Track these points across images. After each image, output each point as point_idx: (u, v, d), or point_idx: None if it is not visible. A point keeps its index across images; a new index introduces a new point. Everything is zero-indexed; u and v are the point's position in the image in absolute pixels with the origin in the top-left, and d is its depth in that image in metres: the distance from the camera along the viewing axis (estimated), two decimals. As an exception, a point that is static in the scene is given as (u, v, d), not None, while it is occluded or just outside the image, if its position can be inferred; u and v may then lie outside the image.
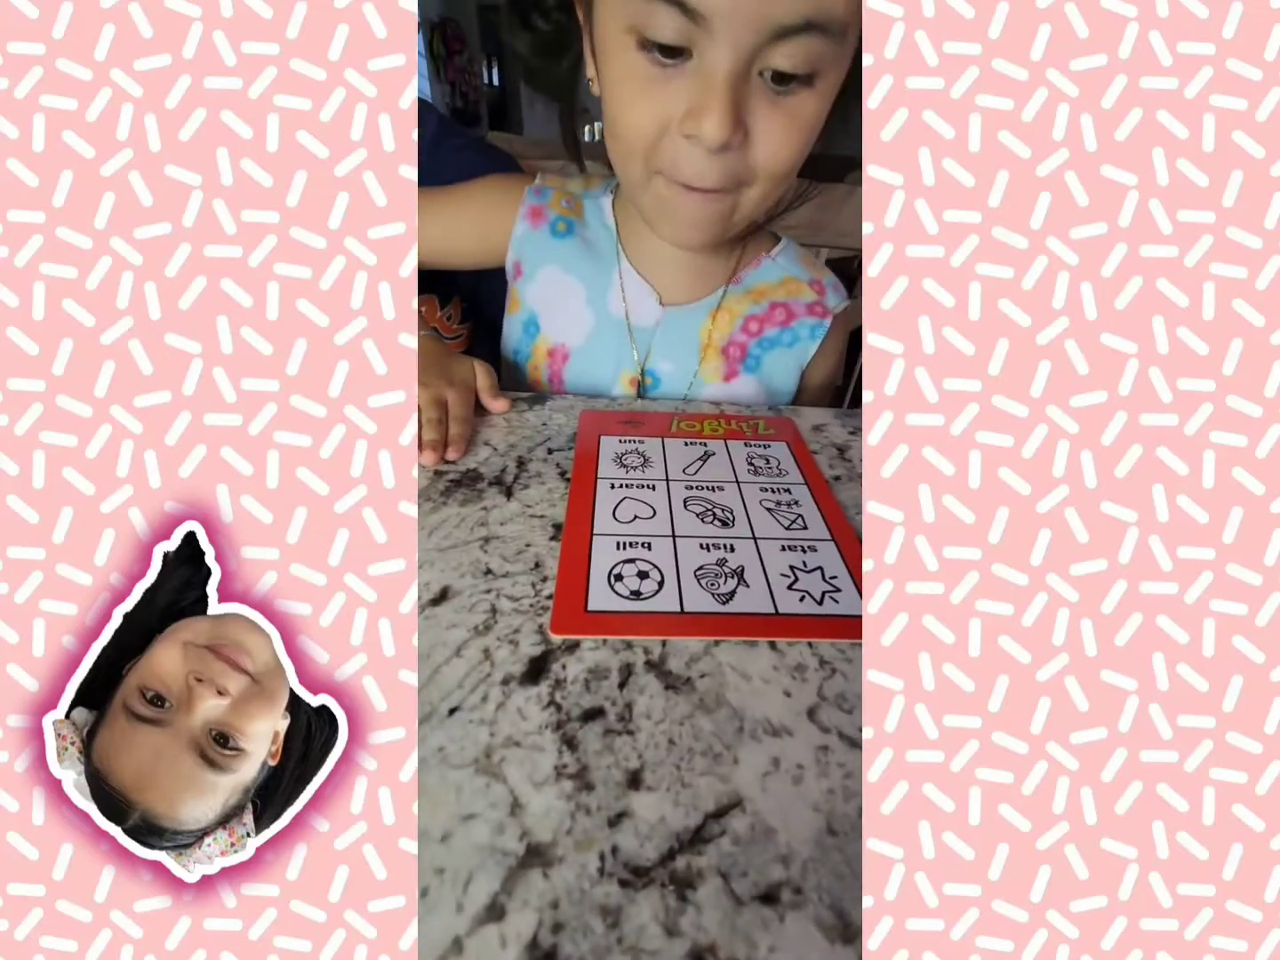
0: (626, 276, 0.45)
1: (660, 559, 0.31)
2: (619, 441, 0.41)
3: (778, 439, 0.42)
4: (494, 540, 0.33)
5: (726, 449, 0.41)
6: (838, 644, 0.22)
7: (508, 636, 0.28)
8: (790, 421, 0.44)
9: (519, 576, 0.31)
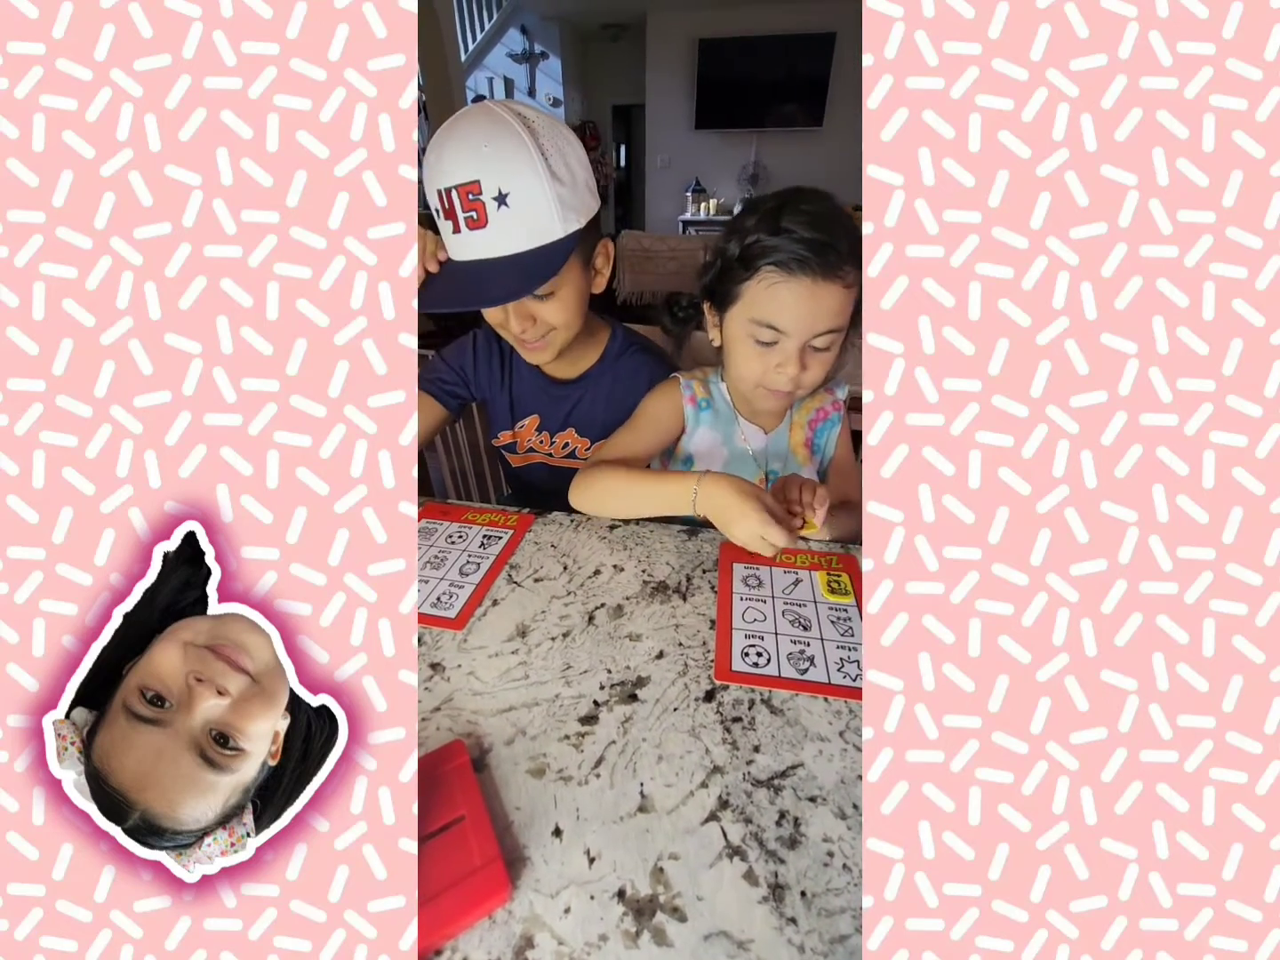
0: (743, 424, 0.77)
1: (767, 645, 0.53)
2: (744, 568, 0.63)
3: (845, 570, 0.63)
4: (681, 626, 0.56)
5: (811, 577, 0.62)
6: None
7: (694, 677, 0.50)
8: (854, 558, 0.65)
9: (695, 648, 0.54)
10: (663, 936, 0.33)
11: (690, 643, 0.54)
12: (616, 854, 0.37)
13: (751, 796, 0.40)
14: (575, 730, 0.45)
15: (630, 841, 0.37)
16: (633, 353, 0.84)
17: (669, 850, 0.37)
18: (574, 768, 0.42)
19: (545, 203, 0.60)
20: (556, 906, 0.34)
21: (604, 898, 0.35)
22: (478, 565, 0.63)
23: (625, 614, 0.57)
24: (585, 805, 0.40)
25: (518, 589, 0.61)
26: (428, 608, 0.57)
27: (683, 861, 0.36)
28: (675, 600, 0.59)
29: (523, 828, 0.38)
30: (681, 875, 0.36)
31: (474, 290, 0.62)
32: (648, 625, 0.56)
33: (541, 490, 0.90)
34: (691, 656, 0.52)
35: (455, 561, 0.64)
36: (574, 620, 0.56)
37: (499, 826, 0.38)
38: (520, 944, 0.33)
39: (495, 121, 0.59)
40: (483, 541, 0.68)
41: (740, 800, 0.40)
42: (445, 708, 0.47)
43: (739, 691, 0.48)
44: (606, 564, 0.64)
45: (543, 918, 0.34)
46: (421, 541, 0.67)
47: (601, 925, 0.33)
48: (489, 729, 0.45)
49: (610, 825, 0.39)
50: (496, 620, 0.56)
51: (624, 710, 0.47)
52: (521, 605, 0.58)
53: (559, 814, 0.39)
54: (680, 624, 0.56)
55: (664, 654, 0.52)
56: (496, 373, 0.85)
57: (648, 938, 0.33)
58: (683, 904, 0.34)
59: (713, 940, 0.33)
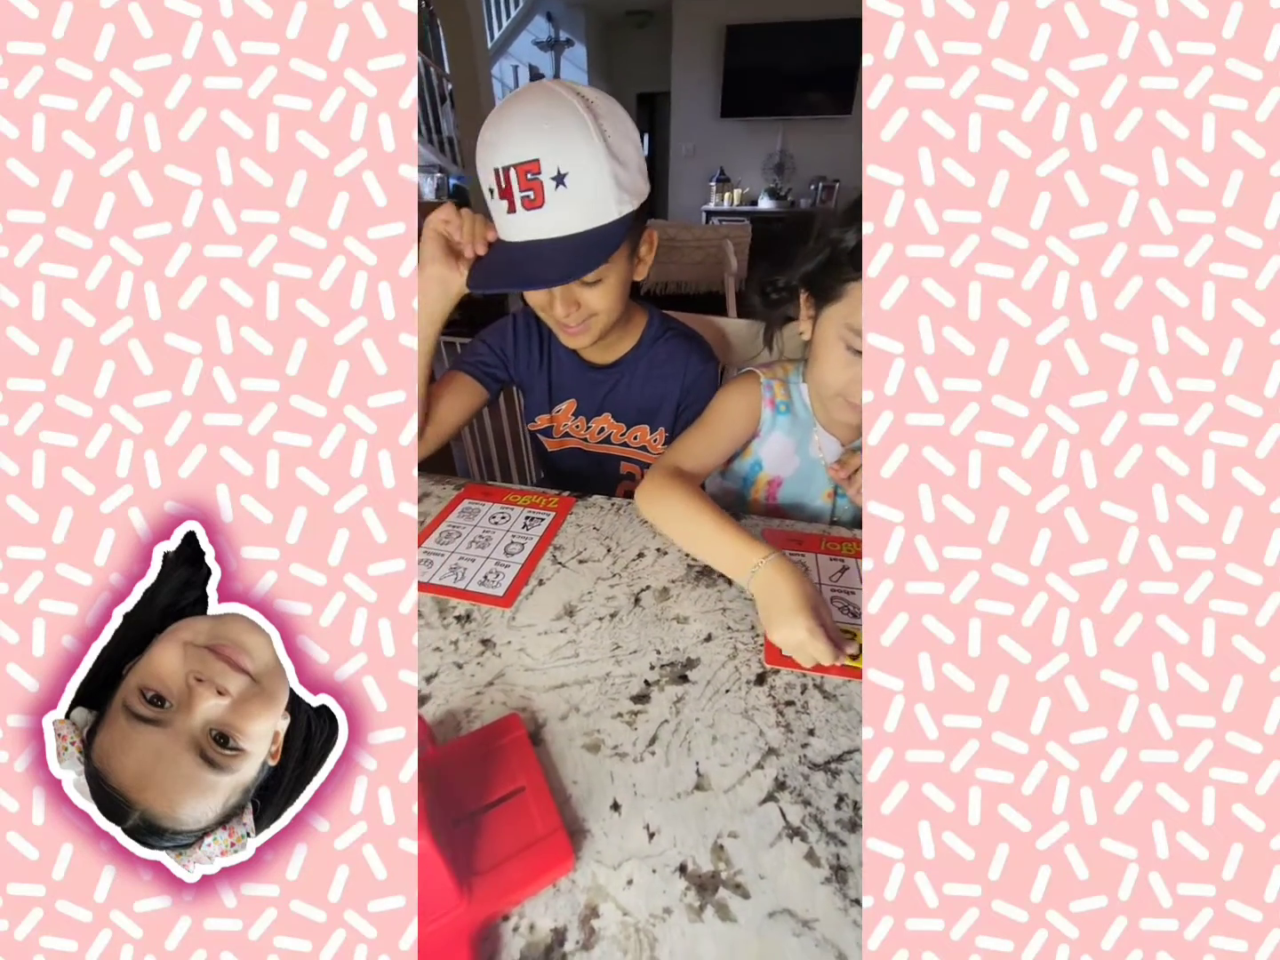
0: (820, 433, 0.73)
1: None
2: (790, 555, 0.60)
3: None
4: (728, 610, 0.56)
5: (857, 565, 0.61)
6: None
7: (744, 661, 0.51)
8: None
9: (743, 632, 0.54)
10: (726, 912, 0.34)
11: (738, 627, 0.53)
12: (676, 830, 0.37)
13: (809, 779, 0.40)
14: (628, 709, 0.46)
15: (689, 818, 0.38)
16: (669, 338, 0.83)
17: (728, 829, 0.37)
18: (629, 744, 0.43)
19: (603, 184, 0.59)
20: (619, 878, 0.35)
21: (665, 871, 0.35)
22: (522, 545, 0.65)
23: (671, 596, 0.57)
24: (642, 781, 0.40)
25: (563, 569, 0.61)
26: (475, 585, 0.59)
27: (742, 840, 0.37)
28: (721, 585, 0.59)
29: (581, 801, 0.39)
30: (742, 853, 0.36)
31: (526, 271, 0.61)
32: (694, 608, 0.56)
33: (576, 475, 0.89)
34: (740, 640, 0.52)
35: (500, 541, 0.65)
36: (620, 601, 0.57)
37: (558, 798, 0.38)
38: (586, 913, 0.33)
39: (555, 100, 0.58)
40: (525, 523, 0.69)
41: (798, 782, 0.40)
42: (498, 683, 0.48)
43: (790, 676, 0.48)
44: (649, 548, 0.64)
45: (606, 888, 0.34)
46: (465, 521, 0.69)
47: (665, 899, 0.34)
48: (542, 704, 0.46)
49: (668, 802, 0.39)
50: (544, 599, 0.57)
51: (675, 690, 0.47)
52: (568, 585, 0.59)
53: (616, 789, 0.40)
54: (727, 608, 0.56)
55: (712, 637, 0.52)
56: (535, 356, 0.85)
57: (711, 912, 0.33)
58: (745, 881, 0.35)
59: (777, 918, 0.33)
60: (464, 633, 0.53)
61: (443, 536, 0.66)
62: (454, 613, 0.56)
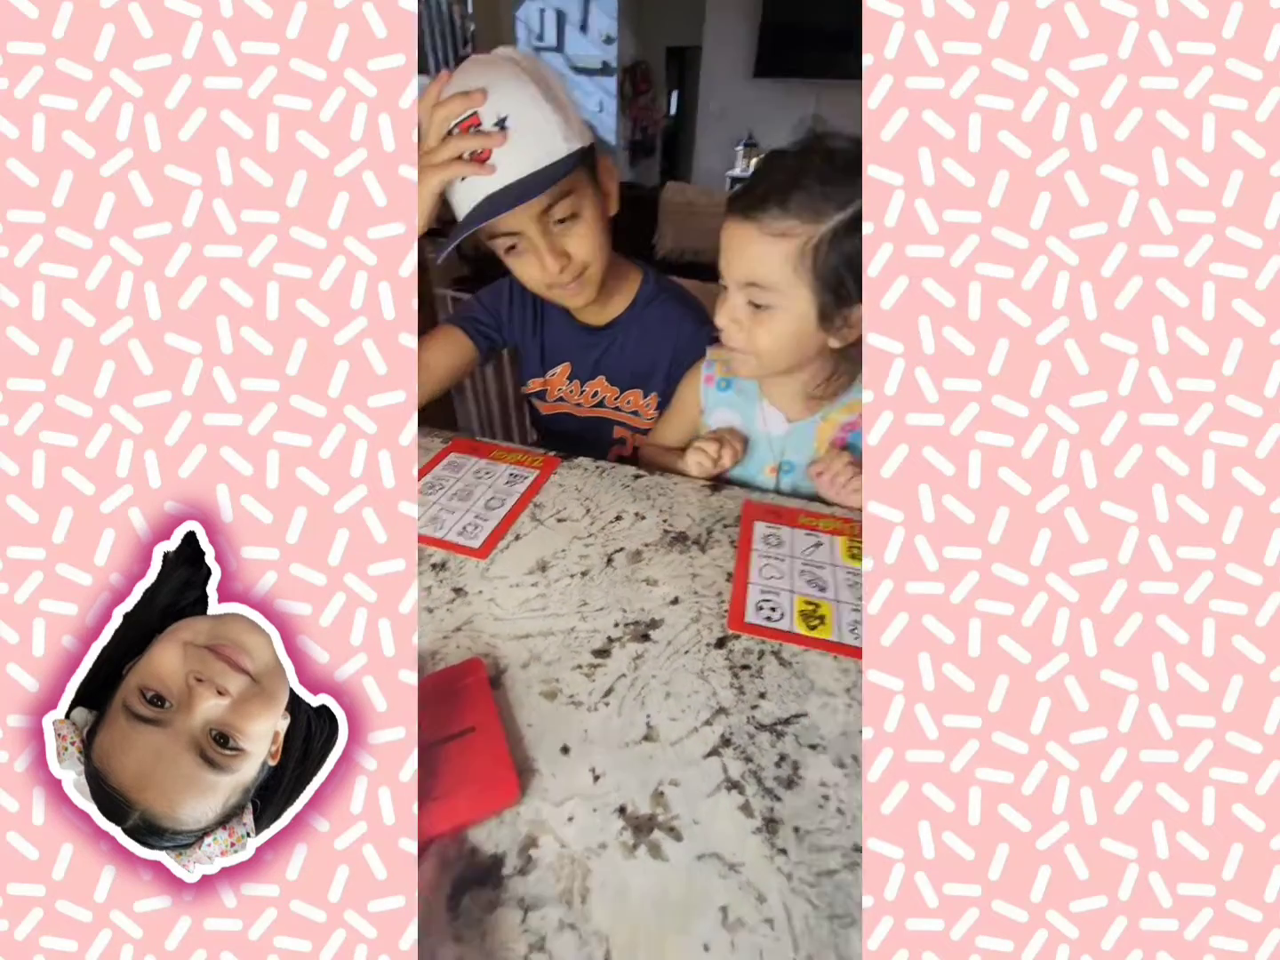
0: (765, 408, 0.73)
1: (782, 603, 0.53)
2: (766, 527, 0.63)
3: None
4: (698, 576, 0.57)
5: (832, 542, 0.61)
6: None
7: (707, 625, 0.51)
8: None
9: (710, 598, 0.54)
10: (658, 851, 0.35)
11: (705, 592, 0.55)
12: (620, 775, 0.39)
13: (754, 739, 0.42)
14: (588, 661, 0.47)
15: (634, 765, 0.40)
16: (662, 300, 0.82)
17: (670, 777, 0.39)
18: (584, 694, 0.44)
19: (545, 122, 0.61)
20: (561, 814, 0.37)
21: (605, 811, 0.37)
22: (503, 501, 0.66)
23: (643, 559, 0.58)
24: (593, 729, 0.42)
25: (540, 526, 0.62)
26: (453, 535, 0.60)
27: (682, 788, 0.39)
28: (694, 551, 0.60)
29: (533, 743, 0.41)
30: (680, 800, 0.38)
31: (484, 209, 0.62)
32: (665, 572, 0.57)
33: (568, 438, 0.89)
34: (706, 605, 0.53)
35: (481, 496, 0.67)
36: (593, 561, 0.58)
37: (511, 739, 0.40)
38: (525, 842, 0.35)
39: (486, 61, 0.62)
40: (509, 479, 0.70)
41: (743, 741, 0.42)
42: (465, 629, 0.50)
43: (750, 642, 0.49)
44: (628, 511, 0.65)
45: (548, 822, 0.36)
46: (449, 474, 0.70)
47: (602, 835, 0.36)
48: (506, 651, 0.48)
49: (616, 750, 0.41)
50: (519, 553, 0.58)
51: (636, 648, 0.49)
52: (543, 542, 0.60)
53: (568, 734, 0.42)
54: (697, 574, 0.57)
55: (679, 600, 0.54)
56: (529, 319, 0.85)
57: (644, 851, 0.35)
58: (680, 825, 0.37)
59: (705, 860, 0.35)
60: (437, 580, 0.55)
61: (426, 487, 0.67)
62: (430, 560, 0.57)
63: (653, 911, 0.33)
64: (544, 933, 0.32)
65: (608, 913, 0.33)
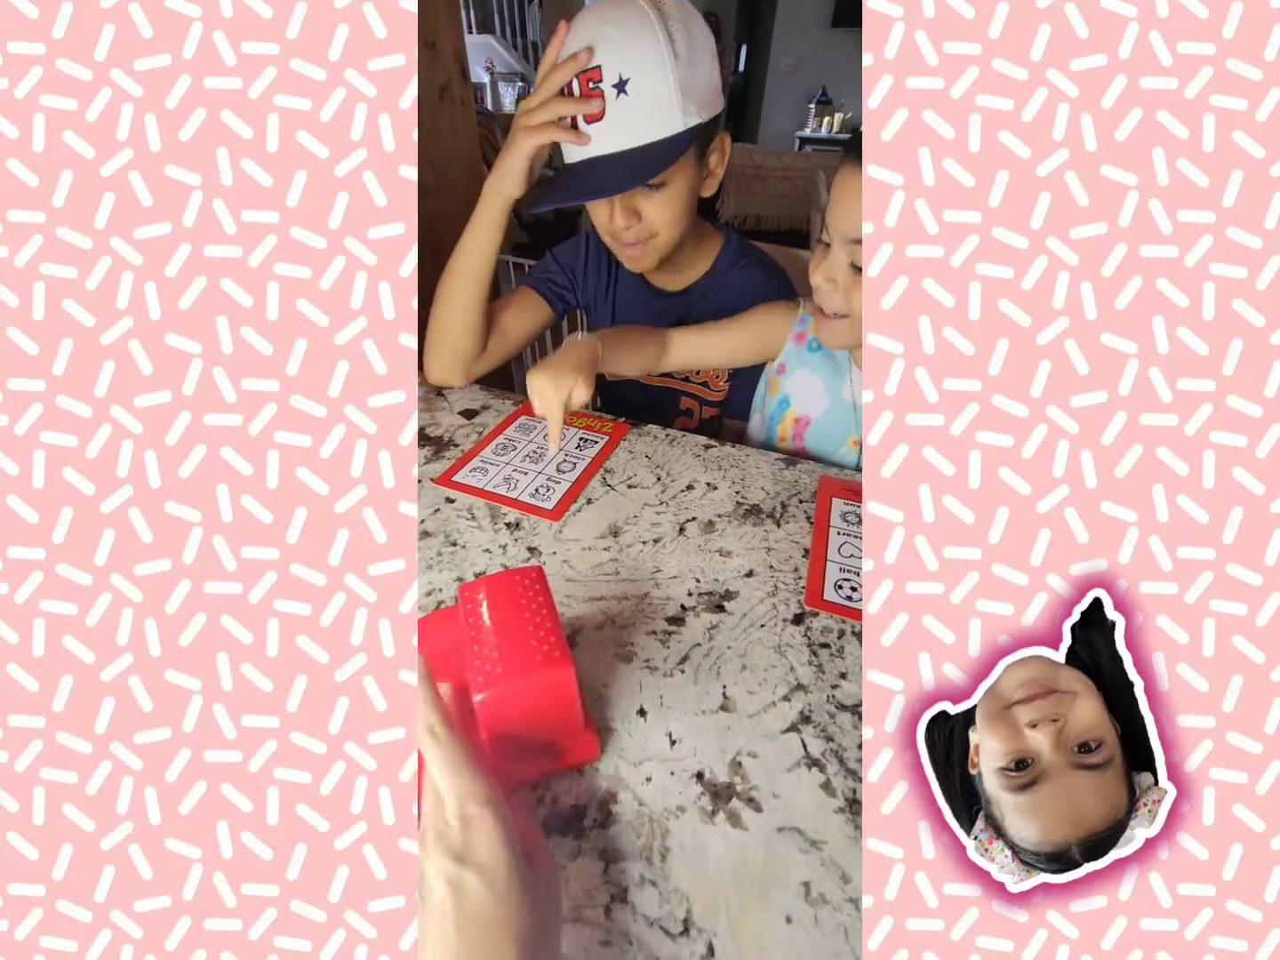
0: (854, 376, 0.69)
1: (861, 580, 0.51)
2: (844, 504, 0.62)
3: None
4: (773, 550, 0.56)
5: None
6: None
7: (784, 600, 0.51)
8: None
9: (786, 573, 0.54)
10: (738, 820, 0.36)
11: (781, 567, 0.54)
12: (697, 741, 0.40)
13: (835, 718, 0.41)
14: (663, 628, 0.47)
15: (711, 734, 0.40)
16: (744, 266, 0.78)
17: (748, 749, 0.39)
18: (660, 660, 0.45)
19: (668, 91, 0.57)
20: (639, 774, 0.37)
21: (683, 776, 0.37)
22: (574, 465, 0.66)
23: (716, 530, 0.58)
24: (669, 694, 0.42)
25: (611, 492, 0.62)
26: (526, 497, 0.61)
27: (761, 761, 0.39)
28: (769, 525, 0.59)
29: (610, 703, 0.41)
30: (759, 772, 0.38)
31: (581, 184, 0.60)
32: (739, 544, 0.56)
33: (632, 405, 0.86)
34: (782, 580, 0.53)
35: (553, 459, 0.67)
36: (665, 529, 0.58)
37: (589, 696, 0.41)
38: (605, 797, 0.36)
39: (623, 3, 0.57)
40: (579, 443, 0.70)
41: (823, 719, 0.41)
42: None
43: (829, 620, 0.49)
44: (700, 480, 0.65)
45: (626, 780, 0.37)
46: (521, 436, 0.71)
47: (680, 799, 0.36)
48: (579, 612, 0.48)
49: (692, 716, 0.41)
50: (591, 518, 0.59)
51: (711, 618, 0.49)
52: (615, 507, 0.60)
53: (644, 697, 0.42)
54: (772, 548, 0.56)
55: (754, 573, 0.53)
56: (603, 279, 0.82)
57: (723, 818, 0.36)
58: (759, 797, 0.37)
59: (786, 833, 0.35)
60: (512, 539, 0.56)
61: (499, 448, 0.68)
62: (504, 519, 0.58)
63: (730, 878, 0.33)
64: (625, 885, 0.33)
65: (688, 873, 0.33)
